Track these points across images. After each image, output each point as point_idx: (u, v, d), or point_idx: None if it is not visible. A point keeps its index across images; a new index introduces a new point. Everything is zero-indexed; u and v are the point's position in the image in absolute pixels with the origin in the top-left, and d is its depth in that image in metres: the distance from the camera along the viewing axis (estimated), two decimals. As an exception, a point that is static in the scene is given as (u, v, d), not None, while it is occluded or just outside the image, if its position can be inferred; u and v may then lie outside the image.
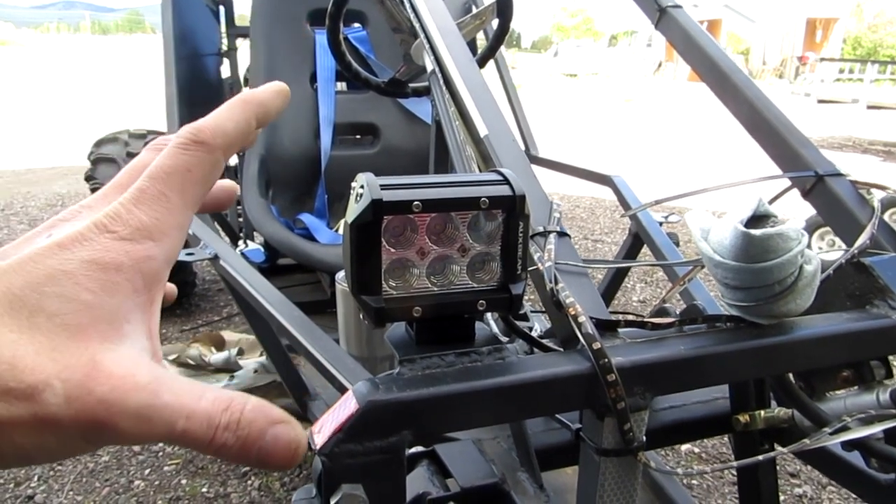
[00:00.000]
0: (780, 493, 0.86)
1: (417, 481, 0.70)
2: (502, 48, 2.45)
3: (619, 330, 0.51)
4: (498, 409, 0.44)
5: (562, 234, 0.59)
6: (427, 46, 0.95)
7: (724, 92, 0.85)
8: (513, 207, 0.42)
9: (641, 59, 27.06)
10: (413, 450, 0.75)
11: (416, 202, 0.40)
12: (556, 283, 0.52)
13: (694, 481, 1.85)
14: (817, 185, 0.73)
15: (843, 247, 0.67)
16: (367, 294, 0.41)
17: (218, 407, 0.28)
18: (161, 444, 1.94)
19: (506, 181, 0.43)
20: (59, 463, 1.86)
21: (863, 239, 0.62)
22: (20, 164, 6.27)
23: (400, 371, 0.43)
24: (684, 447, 2.00)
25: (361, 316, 0.42)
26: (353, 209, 0.40)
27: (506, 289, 0.45)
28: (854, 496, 1.78)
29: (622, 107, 13.72)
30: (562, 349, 0.52)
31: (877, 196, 0.70)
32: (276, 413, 0.30)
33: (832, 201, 0.71)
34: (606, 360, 0.45)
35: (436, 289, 0.44)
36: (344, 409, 0.41)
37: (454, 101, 0.80)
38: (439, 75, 0.90)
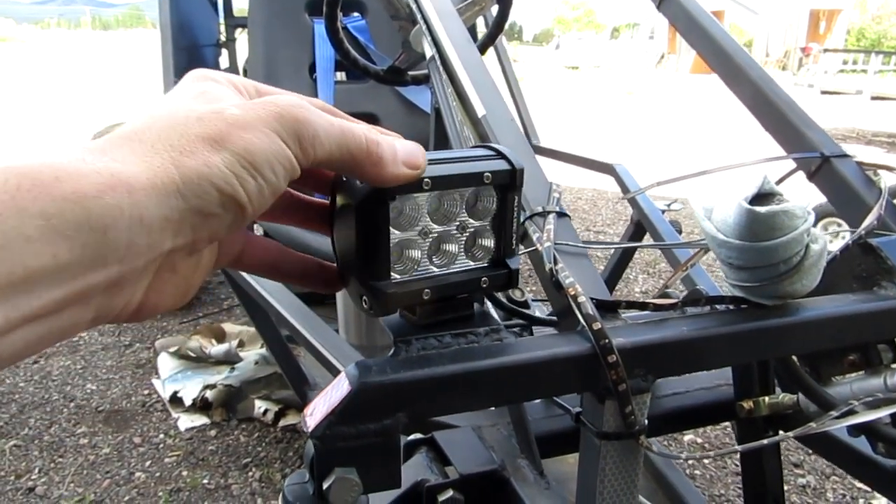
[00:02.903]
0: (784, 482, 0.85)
1: (416, 468, 0.69)
2: (503, 39, 2.44)
3: (620, 311, 0.50)
4: (495, 391, 0.43)
5: (561, 215, 0.58)
6: (425, 29, 0.93)
7: (728, 74, 0.84)
8: (512, 181, 0.41)
9: (643, 52, 26.98)
10: (412, 437, 0.74)
11: (426, 179, 0.38)
12: (556, 263, 0.50)
13: (697, 470, 1.84)
14: (823, 166, 0.71)
15: (848, 234, 0.66)
16: (376, 280, 0.39)
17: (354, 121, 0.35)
18: (162, 436, 1.94)
19: (501, 156, 0.41)
20: (59, 455, 1.86)
21: (870, 220, 0.61)
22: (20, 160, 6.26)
23: (395, 353, 0.42)
24: (687, 437, 1.99)
25: (367, 305, 0.40)
26: (357, 189, 0.37)
27: (503, 264, 0.43)
28: (858, 485, 1.78)
29: (624, 99, 13.67)
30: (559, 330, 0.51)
31: (884, 177, 0.69)
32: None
33: (838, 183, 0.70)
34: (607, 340, 0.43)
35: (437, 270, 0.43)
36: (336, 391, 0.40)
37: (452, 83, 0.79)
38: (438, 59, 0.88)
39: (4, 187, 0.23)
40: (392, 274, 0.40)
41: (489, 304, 0.61)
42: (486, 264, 0.44)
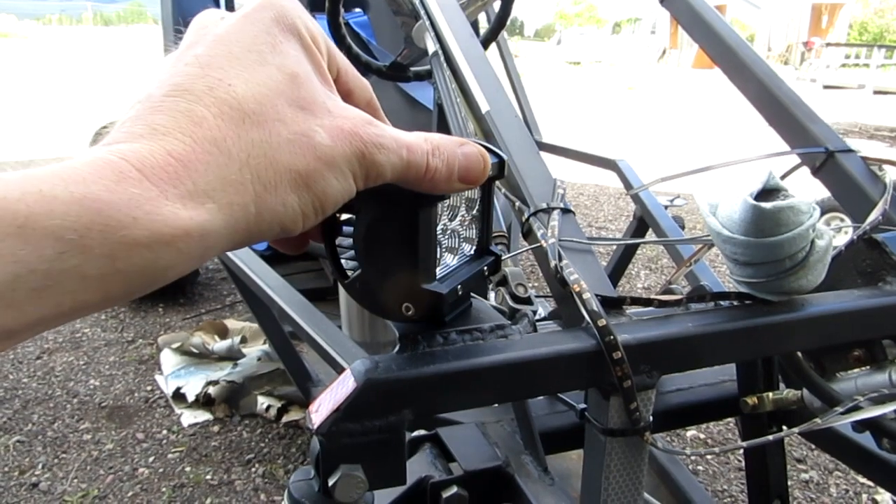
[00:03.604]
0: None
1: (420, 465, 0.69)
2: (505, 34, 2.43)
3: (625, 308, 0.50)
4: (500, 388, 0.43)
5: (566, 211, 0.57)
6: (428, 25, 0.93)
7: (731, 68, 0.84)
8: (500, 172, 0.41)
9: (645, 47, 26.91)
10: (416, 433, 0.74)
11: None
12: (561, 259, 0.50)
13: (699, 466, 1.84)
14: (827, 161, 0.71)
15: (851, 231, 0.66)
16: (427, 283, 0.38)
17: (420, 138, 0.33)
18: (165, 432, 1.94)
19: (486, 149, 0.41)
20: (63, 451, 1.86)
21: (875, 215, 0.61)
22: (23, 154, 6.27)
23: (399, 349, 0.42)
24: (689, 433, 1.99)
25: (411, 311, 0.39)
26: (399, 192, 0.35)
27: (488, 251, 0.44)
28: (861, 480, 1.77)
29: (625, 94, 13.64)
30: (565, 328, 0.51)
31: (889, 172, 0.68)
32: (458, 138, 0.35)
33: (843, 178, 0.70)
34: (612, 337, 0.43)
35: (452, 262, 0.43)
36: (342, 387, 0.40)
37: (456, 78, 0.79)
38: (441, 54, 0.88)
39: (75, 225, 0.22)
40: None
41: (492, 300, 0.61)
42: (473, 254, 0.44)
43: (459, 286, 0.40)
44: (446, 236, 0.41)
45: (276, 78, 0.29)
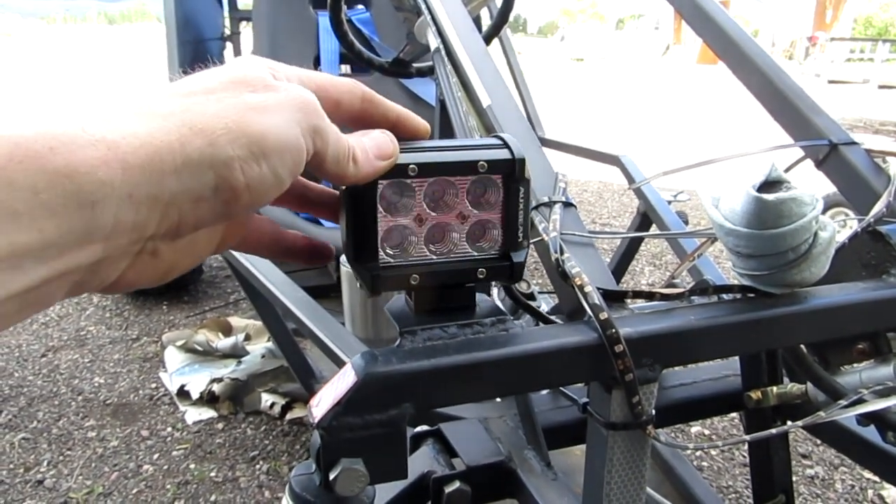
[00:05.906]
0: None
1: (422, 460, 0.69)
2: (507, 31, 2.42)
3: (627, 301, 0.49)
4: (501, 382, 0.43)
5: (567, 205, 0.57)
6: (430, 21, 0.93)
7: (734, 61, 0.83)
8: (512, 172, 0.40)
9: (649, 43, 26.84)
10: (418, 429, 0.74)
11: (411, 165, 0.38)
12: (562, 253, 0.50)
13: (704, 462, 1.83)
14: (831, 154, 0.71)
15: (856, 223, 0.65)
16: (363, 262, 0.40)
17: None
18: (169, 430, 1.94)
19: (505, 145, 0.41)
20: (68, 448, 1.87)
21: (879, 206, 0.60)
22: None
23: (400, 343, 0.42)
24: (694, 429, 1.99)
25: (359, 284, 0.41)
26: None
27: (506, 257, 0.43)
28: (867, 475, 1.77)
29: (629, 90, 13.61)
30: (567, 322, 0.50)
31: (893, 164, 0.68)
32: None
33: (847, 170, 0.69)
34: (614, 330, 0.43)
35: (434, 257, 0.42)
36: (342, 381, 0.40)
37: (457, 73, 0.79)
38: (443, 50, 0.88)
39: None
40: (384, 257, 0.40)
41: (495, 295, 0.61)
42: (489, 255, 0.43)
43: (416, 276, 0.41)
44: (424, 226, 0.41)
45: (223, 80, 0.30)
